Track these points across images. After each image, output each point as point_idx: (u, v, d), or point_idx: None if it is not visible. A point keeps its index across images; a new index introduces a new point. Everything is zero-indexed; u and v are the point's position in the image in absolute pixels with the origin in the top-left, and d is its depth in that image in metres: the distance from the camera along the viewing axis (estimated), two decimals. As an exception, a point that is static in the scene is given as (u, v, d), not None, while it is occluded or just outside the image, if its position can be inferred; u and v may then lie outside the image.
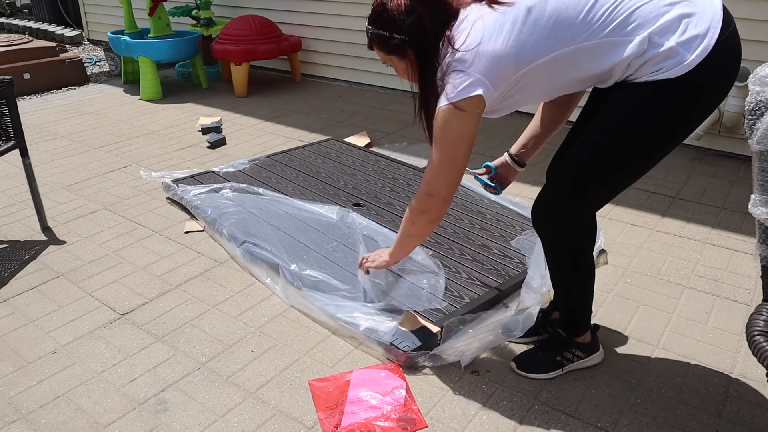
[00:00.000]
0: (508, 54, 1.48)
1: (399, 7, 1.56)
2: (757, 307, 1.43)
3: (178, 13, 5.17)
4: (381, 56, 1.67)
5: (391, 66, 1.68)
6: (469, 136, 1.60)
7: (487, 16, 1.50)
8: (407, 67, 1.63)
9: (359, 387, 1.76)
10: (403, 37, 1.57)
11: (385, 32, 1.60)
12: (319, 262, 2.31)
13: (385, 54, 1.65)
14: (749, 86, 1.44)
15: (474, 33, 1.50)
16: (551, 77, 1.53)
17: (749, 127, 1.41)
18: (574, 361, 1.82)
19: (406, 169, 3.22)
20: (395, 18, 1.57)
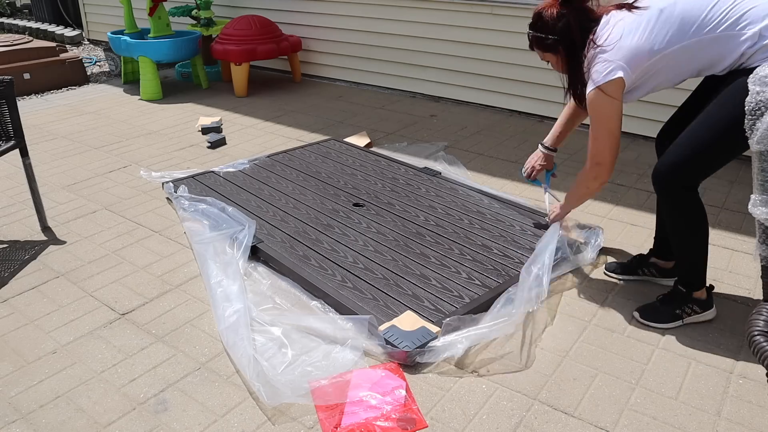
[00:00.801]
0: (643, 46, 1.86)
1: (552, 15, 2.01)
2: (757, 307, 1.43)
3: (178, 13, 5.17)
4: (539, 54, 2.12)
5: (547, 61, 2.13)
6: (617, 111, 1.95)
7: (627, 18, 1.90)
8: (559, 61, 2.07)
9: (359, 387, 1.76)
10: (555, 37, 2.01)
11: (541, 34, 2.05)
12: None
13: (542, 51, 2.09)
14: (749, 86, 1.45)
15: (615, 31, 1.90)
16: (677, 64, 1.88)
17: (749, 127, 1.41)
18: (691, 315, 2.03)
19: (406, 169, 3.22)
20: (548, 23, 2.02)
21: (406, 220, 2.67)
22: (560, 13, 2.00)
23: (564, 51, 2.03)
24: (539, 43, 2.09)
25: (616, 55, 1.88)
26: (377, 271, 2.27)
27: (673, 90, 2.19)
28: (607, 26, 1.93)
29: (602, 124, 1.98)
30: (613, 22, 1.92)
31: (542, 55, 2.12)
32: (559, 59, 2.08)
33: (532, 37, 2.11)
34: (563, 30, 2.00)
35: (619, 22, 1.91)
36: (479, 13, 4.19)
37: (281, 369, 1.81)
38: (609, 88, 1.90)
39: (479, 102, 4.46)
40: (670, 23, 1.84)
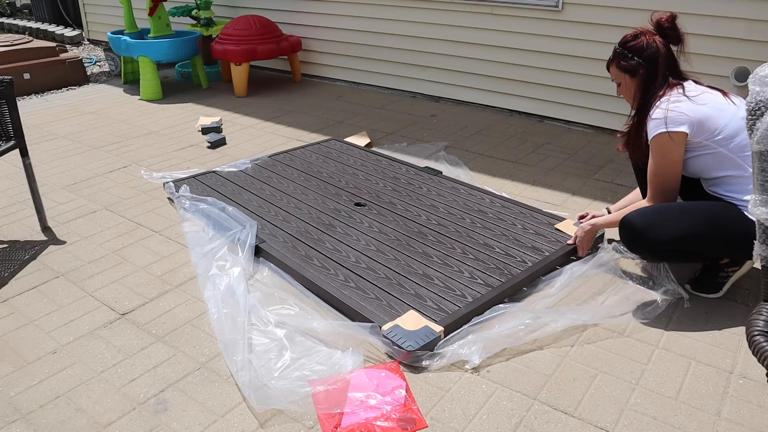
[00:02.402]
0: (714, 125, 2.03)
1: (647, 41, 2.11)
2: (757, 307, 1.43)
3: (178, 13, 5.17)
4: (614, 73, 2.20)
5: (617, 83, 2.21)
6: (676, 162, 2.09)
7: (718, 97, 2.09)
8: (631, 86, 2.17)
9: (359, 387, 1.76)
10: (641, 61, 2.12)
11: (629, 53, 2.14)
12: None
13: (620, 71, 2.17)
14: (749, 86, 1.44)
15: (704, 95, 2.08)
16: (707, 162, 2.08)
17: (749, 127, 1.41)
18: (731, 275, 2.19)
19: (407, 169, 3.22)
20: (641, 46, 2.12)
21: (408, 219, 2.67)
22: (656, 42, 2.11)
23: (642, 77, 2.13)
24: (622, 60, 2.16)
25: (694, 113, 2.02)
26: (380, 270, 2.27)
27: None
28: (699, 87, 2.11)
29: (660, 167, 2.09)
30: (705, 88, 2.12)
31: (617, 74, 2.20)
32: (632, 84, 2.17)
33: (618, 53, 2.18)
34: (650, 57, 2.11)
35: (709, 92, 2.09)
36: (479, 13, 4.19)
37: (278, 373, 1.81)
38: (674, 137, 2.03)
39: (479, 102, 4.46)
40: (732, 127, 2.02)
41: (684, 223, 2.01)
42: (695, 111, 2.04)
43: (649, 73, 2.13)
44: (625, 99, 2.25)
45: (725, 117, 2.04)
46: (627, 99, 2.24)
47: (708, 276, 2.20)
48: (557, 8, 3.82)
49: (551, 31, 3.91)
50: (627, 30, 3.72)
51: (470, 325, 1.98)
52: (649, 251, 2.06)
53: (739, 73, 3.23)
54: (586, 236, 2.38)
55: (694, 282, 2.22)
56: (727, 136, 2.03)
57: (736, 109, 2.07)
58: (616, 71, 2.21)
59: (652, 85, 2.13)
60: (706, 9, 3.32)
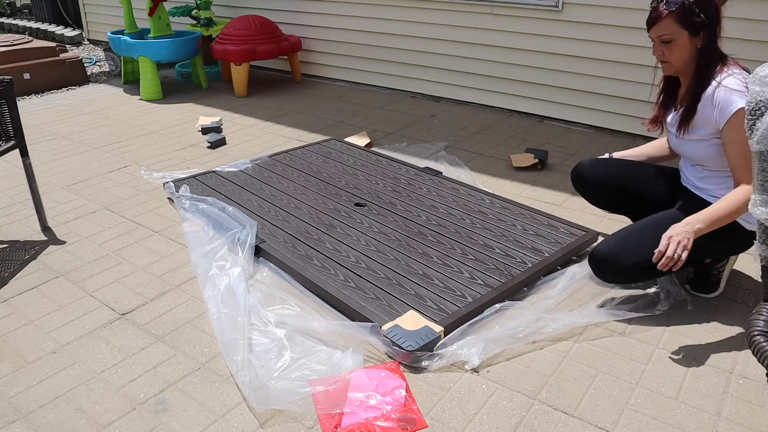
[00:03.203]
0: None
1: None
2: (757, 307, 1.43)
3: (178, 13, 5.17)
4: (668, 27, 1.89)
5: (668, 40, 1.91)
6: None
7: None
8: (688, 49, 1.91)
9: (359, 387, 1.76)
10: (706, 20, 1.86)
11: (696, 8, 1.85)
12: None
13: (680, 26, 1.88)
14: (749, 86, 1.44)
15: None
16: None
17: (749, 127, 1.41)
18: (722, 270, 2.16)
19: (407, 169, 3.22)
20: (708, 2, 1.85)
21: (408, 219, 2.67)
22: (714, 3, 1.87)
23: (704, 39, 1.89)
24: (686, 15, 1.86)
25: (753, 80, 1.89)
26: (380, 270, 2.27)
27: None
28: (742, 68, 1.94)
29: (746, 142, 1.86)
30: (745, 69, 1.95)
31: (674, 29, 1.88)
32: (689, 46, 1.90)
33: (686, 7, 1.85)
34: (714, 17, 1.87)
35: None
36: (479, 13, 4.19)
37: (277, 373, 1.81)
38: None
39: (479, 102, 4.46)
40: None
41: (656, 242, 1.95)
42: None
43: (711, 35, 1.89)
44: (668, 62, 1.96)
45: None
46: (673, 61, 1.95)
47: (702, 276, 2.20)
48: (557, 8, 3.82)
49: (551, 31, 3.91)
50: (627, 30, 3.73)
51: (470, 325, 1.98)
52: (625, 276, 2.06)
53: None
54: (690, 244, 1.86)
55: (693, 283, 2.22)
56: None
57: None
58: (674, 26, 1.88)
59: (713, 50, 1.91)
60: (706, 9, 3.31)
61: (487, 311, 2.04)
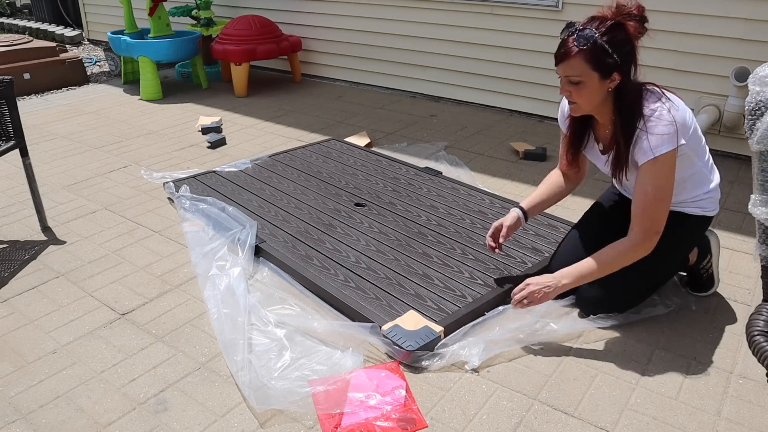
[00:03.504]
0: (689, 126, 1.78)
1: (630, 32, 1.69)
2: (757, 307, 1.43)
3: (178, 13, 5.17)
4: (577, 68, 1.70)
5: (576, 82, 1.72)
6: (674, 174, 1.79)
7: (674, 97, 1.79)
8: (600, 92, 1.74)
9: (359, 387, 1.76)
10: (619, 60, 1.69)
11: (609, 48, 1.67)
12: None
13: (591, 68, 1.69)
14: (749, 86, 1.44)
15: (672, 96, 1.78)
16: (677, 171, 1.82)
17: (749, 127, 1.41)
18: (709, 266, 2.13)
19: (407, 169, 3.22)
20: (622, 38, 1.69)
21: (408, 219, 2.67)
22: (630, 32, 1.69)
23: (620, 80, 1.72)
24: (596, 55, 1.67)
25: (681, 117, 1.75)
26: (380, 270, 2.27)
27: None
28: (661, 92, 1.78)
29: (665, 188, 1.76)
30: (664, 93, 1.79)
31: (582, 70, 1.70)
32: (600, 88, 1.73)
33: (598, 46, 1.66)
34: (629, 54, 1.70)
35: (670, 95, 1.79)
36: (479, 13, 4.19)
37: (277, 373, 1.81)
38: (674, 154, 1.73)
39: (479, 102, 4.46)
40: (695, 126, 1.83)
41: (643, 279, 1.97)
42: (682, 116, 1.76)
43: (626, 76, 1.73)
44: (576, 104, 1.78)
45: (688, 111, 1.81)
46: (582, 104, 1.78)
47: (694, 276, 2.18)
48: (557, 8, 3.82)
49: (551, 31, 3.91)
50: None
51: (471, 326, 1.98)
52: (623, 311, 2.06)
53: (739, 73, 3.23)
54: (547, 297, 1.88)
55: (690, 285, 2.21)
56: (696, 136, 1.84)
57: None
58: (584, 66, 1.69)
59: (628, 91, 1.74)
60: (706, 9, 3.32)
61: (489, 313, 2.04)
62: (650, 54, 3.55)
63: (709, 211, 1.99)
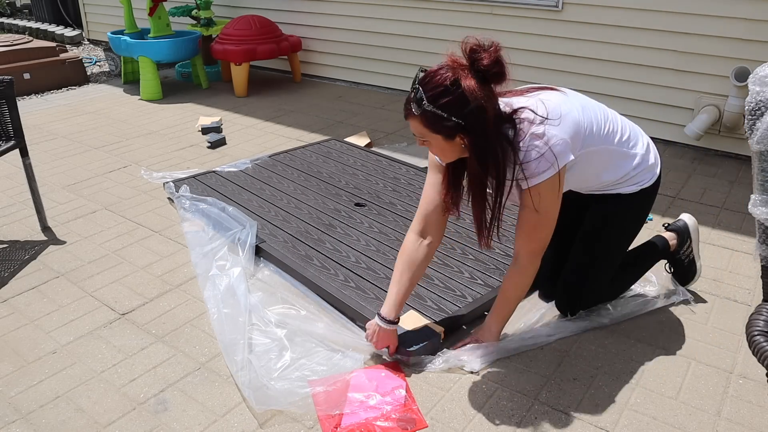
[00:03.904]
0: (582, 124, 1.68)
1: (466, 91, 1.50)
2: (757, 307, 1.43)
3: (178, 13, 5.17)
4: (418, 130, 1.58)
5: (424, 141, 1.61)
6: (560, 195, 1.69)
7: (554, 96, 1.68)
8: (450, 147, 1.59)
9: (359, 387, 1.76)
10: (460, 121, 1.51)
11: (444, 112, 1.51)
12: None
13: (430, 131, 1.56)
14: (749, 86, 1.45)
15: (552, 104, 1.64)
16: (585, 168, 1.75)
17: (749, 127, 1.41)
18: (689, 251, 2.15)
19: (407, 169, 3.22)
20: (456, 100, 1.50)
21: (409, 219, 2.67)
22: (476, 91, 1.50)
23: (468, 140, 1.54)
24: (433, 122, 1.53)
25: (564, 131, 1.61)
26: (380, 270, 2.27)
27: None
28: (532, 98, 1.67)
29: (550, 212, 1.68)
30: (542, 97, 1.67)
31: (423, 133, 1.57)
32: (451, 147, 1.58)
33: (427, 112, 1.52)
34: (475, 113, 1.50)
35: (550, 96, 1.67)
36: (479, 13, 4.19)
37: (277, 373, 1.81)
38: (562, 171, 1.63)
39: (479, 102, 4.45)
40: (590, 119, 1.70)
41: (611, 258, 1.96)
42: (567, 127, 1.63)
43: (479, 132, 1.53)
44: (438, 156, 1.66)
45: (580, 109, 1.70)
46: (441, 158, 1.66)
47: (676, 263, 2.17)
48: (557, 8, 3.82)
49: (551, 31, 3.91)
50: (627, 30, 3.72)
51: (472, 328, 1.98)
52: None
53: (739, 73, 3.24)
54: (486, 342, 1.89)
55: (676, 276, 2.20)
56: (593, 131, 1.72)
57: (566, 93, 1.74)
58: (423, 129, 1.56)
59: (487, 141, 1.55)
60: (706, 9, 3.32)
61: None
62: (650, 54, 3.55)
63: (645, 183, 1.86)
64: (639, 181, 1.86)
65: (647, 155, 1.87)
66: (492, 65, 1.51)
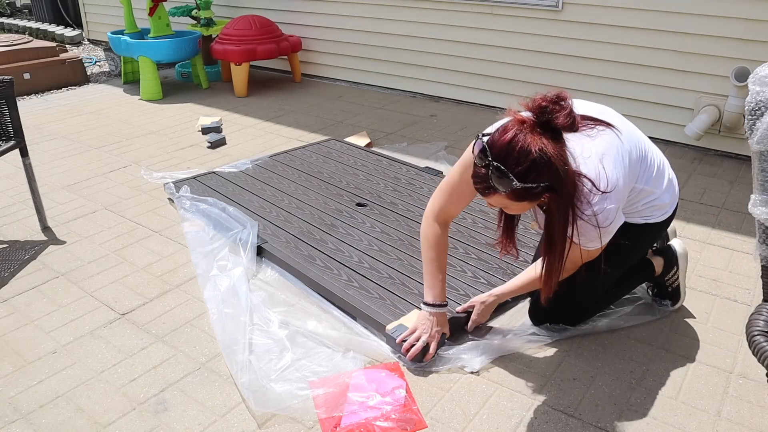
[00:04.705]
0: (629, 186, 1.69)
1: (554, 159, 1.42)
2: (757, 307, 1.43)
3: (178, 13, 5.17)
4: (501, 203, 1.55)
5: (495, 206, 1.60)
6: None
7: (611, 150, 1.62)
8: (528, 207, 1.55)
9: (359, 387, 1.76)
10: (547, 184, 1.44)
11: (532, 184, 1.43)
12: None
13: (515, 203, 1.51)
14: (749, 86, 1.45)
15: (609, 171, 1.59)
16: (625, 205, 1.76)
17: (749, 127, 1.41)
18: (675, 279, 2.06)
19: (407, 169, 3.22)
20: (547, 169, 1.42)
21: (410, 219, 2.67)
22: (559, 154, 1.42)
23: (552, 198, 1.50)
24: (521, 195, 1.47)
25: (617, 199, 1.60)
26: (383, 270, 2.27)
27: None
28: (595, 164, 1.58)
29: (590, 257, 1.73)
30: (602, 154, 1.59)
31: (509, 205, 1.55)
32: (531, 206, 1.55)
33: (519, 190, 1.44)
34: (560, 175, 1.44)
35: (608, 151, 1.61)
36: (479, 13, 4.19)
37: (278, 374, 1.81)
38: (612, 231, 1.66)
39: (479, 102, 4.46)
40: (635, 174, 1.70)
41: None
42: (619, 197, 1.61)
43: (557, 193, 1.48)
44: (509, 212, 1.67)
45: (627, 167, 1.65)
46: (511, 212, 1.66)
47: (660, 287, 2.10)
48: (557, 8, 3.82)
49: (551, 31, 3.91)
50: (627, 30, 3.71)
51: (473, 329, 1.98)
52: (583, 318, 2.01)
53: (739, 73, 3.24)
54: (485, 310, 1.97)
55: (656, 295, 2.13)
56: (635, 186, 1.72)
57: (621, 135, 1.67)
58: (507, 201, 1.52)
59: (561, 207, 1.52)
60: (706, 9, 3.32)
61: (492, 315, 2.04)
62: (650, 54, 3.55)
63: (654, 218, 1.83)
64: (647, 215, 1.83)
65: (663, 195, 1.81)
66: (566, 121, 1.41)
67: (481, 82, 4.37)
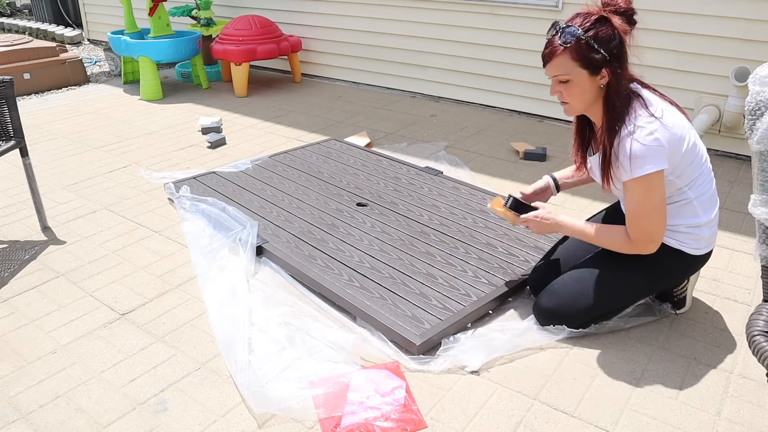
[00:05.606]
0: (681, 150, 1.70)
1: (612, 27, 1.66)
2: (757, 307, 1.43)
3: (178, 13, 5.17)
4: (565, 67, 1.69)
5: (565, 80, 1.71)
6: (663, 203, 1.74)
7: (674, 111, 1.72)
8: (590, 90, 1.71)
9: (359, 387, 1.76)
10: (607, 56, 1.65)
11: (596, 43, 1.64)
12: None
13: (578, 65, 1.67)
14: (749, 86, 1.44)
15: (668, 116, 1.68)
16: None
17: (749, 127, 1.41)
18: (683, 292, 2.03)
19: (408, 169, 3.22)
20: (608, 36, 1.66)
21: (411, 219, 2.67)
22: (617, 29, 1.65)
23: (610, 76, 1.67)
24: (585, 53, 1.64)
25: (666, 138, 1.65)
26: (384, 270, 2.27)
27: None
28: (658, 101, 1.71)
29: (648, 207, 1.72)
30: (664, 106, 1.70)
31: (570, 68, 1.68)
32: (590, 86, 1.69)
33: (583, 43, 1.64)
34: (617, 51, 1.65)
35: (672, 109, 1.72)
36: (479, 13, 4.19)
37: (276, 374, 1.81)
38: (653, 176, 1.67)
39: (479, 102, 4.46)
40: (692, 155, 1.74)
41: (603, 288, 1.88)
42: (672, 137, 1.67)
43: (616, 72, 1.66)
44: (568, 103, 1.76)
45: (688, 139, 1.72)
46: (573, 103, 1.74)
47: (667, 297, 2.09)
48: (557, 8, 3.82)
49: (551, 31, 3.90)
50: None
51: (473, 329, 1.98)
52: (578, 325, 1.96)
53: (739, 73, 3.24)
54: (542, 228, 1.98)
55: (659, 298, 2.12)
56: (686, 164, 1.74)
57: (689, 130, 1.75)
58: (571, 64, 1.66)
59: (619, 88, 1.68)
60: (706, 9, 3.32)
61: (491, 316, 2.04)
62: (650, 54, 3.55)
63: (689, 248, 1.85)
64: (684, 241, 1.84)
65: (705, 228, 1.83)
66: (628, 6, 1.67)
67: (481, 82, 4.37)
